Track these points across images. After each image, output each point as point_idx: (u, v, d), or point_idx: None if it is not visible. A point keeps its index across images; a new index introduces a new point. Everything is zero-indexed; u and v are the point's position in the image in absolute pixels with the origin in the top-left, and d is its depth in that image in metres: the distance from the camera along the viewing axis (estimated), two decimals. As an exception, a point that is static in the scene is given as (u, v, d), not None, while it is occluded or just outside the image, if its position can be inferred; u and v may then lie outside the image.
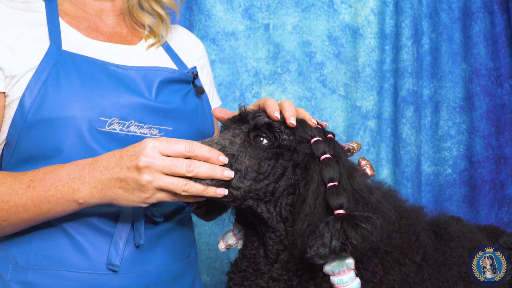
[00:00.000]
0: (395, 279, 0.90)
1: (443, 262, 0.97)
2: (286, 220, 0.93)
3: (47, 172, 0.90)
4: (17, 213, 0.89)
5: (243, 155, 0.89)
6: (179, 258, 1.08)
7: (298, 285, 0.91)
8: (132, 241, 0.98)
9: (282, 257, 0.94)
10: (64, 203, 0.89)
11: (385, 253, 0.92)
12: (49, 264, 0.94)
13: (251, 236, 1.01)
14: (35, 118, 0.93)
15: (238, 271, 1.01)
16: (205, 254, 1.85)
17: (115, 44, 1.09)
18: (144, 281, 0.99)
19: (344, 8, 1.88)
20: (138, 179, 0.84)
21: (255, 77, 1.87)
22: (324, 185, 0.86)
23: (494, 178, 1.86)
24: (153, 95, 1.02)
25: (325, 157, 0.89)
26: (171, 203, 1.07)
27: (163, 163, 0.83)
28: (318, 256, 0.81)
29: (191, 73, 1.12)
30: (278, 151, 0.91)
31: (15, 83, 0.94)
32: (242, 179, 0.88)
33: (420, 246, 0.96)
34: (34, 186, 0.89)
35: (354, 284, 0.87)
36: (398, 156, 1.83)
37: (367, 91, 1.85)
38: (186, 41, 1.27)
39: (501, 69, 1.84)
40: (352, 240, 0.80)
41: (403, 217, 0.98)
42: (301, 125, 0.93)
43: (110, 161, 0.87)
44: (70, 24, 1.06)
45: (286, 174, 0.91)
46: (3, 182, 0.90)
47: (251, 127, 0.92)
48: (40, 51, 0.97)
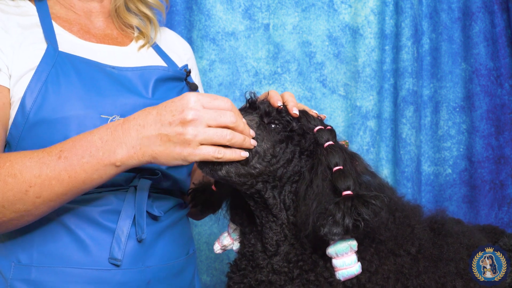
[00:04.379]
0: (390, 270, 0.91)
1: (439, 256, 0.98)
2: (289, 209, 0.95)
3: (76, 140, 0.86)
4: (50, 186, 0.85)
5: (261, 138, 0.92)
6: (179, 254, 1.08)
7: (298, 276, 0.92)
8: (134, 236, 0.98)
9: (282, 248, 0.95)
10: (100, 169, 0.85)
11: (380, 242, 0.94)
12: (52, 261, 0.94)
13: (248, 234, 1.02)
14: (36, 118, 0.93)
15: (238, 270, 1.02)
16: (205, 254, 1.85)
17: (108, 45, 1.10)
18: (146, 276, 0.99)
19: (344, 8, 1.88)
20: (183, 132, 0.81)
21: (255, 77, 1.87)
22: (330, 170, 0.89)
23: (494, 178, 1.86)
24: (150, 93, 1.04)
25: (329, 143, 0.92)
26: (171, 199, 1.08)
27: (209, 115, 0.82)
28: (331, 234, 0.83)
29: (184, 70, 1.14)
30: (289, 134, 0.94)
31: (16, 83, 0.95)
32: (260, 161, 0.90)
33: (415, 238, 0.97)
34: (65, 156, 0.85)
35: (356, 267, 0.88)
36: (398, 156, 1.83)
37: (367, 91, 1.85)
38: (174, 41, 1.28)
39: (501, 69, 1.84)
40: (364, 215, 0.82)
41: (398, 209, 0.99)
42: (304, 115, 0.97)
43: (147, 118, 0.84)
44: (63, 26, 1.07)
45: (293, 160, 0.94)
46: (30, 157, 0.86)
47: (262, 112, 0.94)
48: (39, 52, 0.97)
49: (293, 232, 0.95)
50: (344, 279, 0.89)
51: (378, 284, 0.89)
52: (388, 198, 0.88)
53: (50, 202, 0.87)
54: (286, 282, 0.93)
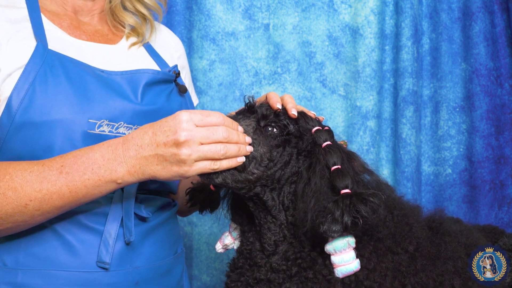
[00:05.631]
0: (387, 267, 0.92)
1: (437, 254, 0.98)
2: (287, 209, 0.96)
3: (78, 156, 0.88)
4: (51, 201, 0.87)
5: (257, 143, 0.93)
6: (167, 254, 1.08)
7: (296, 274, 0.93)
8: (121, 238, 0.97)
9: (281, 248, 0.96)
10: (101, 185, 0.88)
11: (378, 240, 0.94)
12: (39, 264, 0.93)
13: (247, 233, 1.03)
14: (22, 120, 0.91)
15: (235, 268, 1.03)
16: (205, 254, 1.85)
17: (98, 43, 1.08)
18: (134, 277, 0.99)
19: (344, 8, 1.88)
20: (177, 153, 0.84)
21: (255, 77, 1.87)
22: (328, 169, 0.91)
23: (494, 178, 1.86)
24: (139, 98, 1.03)
25: (327, 143, 0.94)
26: (159, 199, 1.08)
27: (201, 134, 0.85)
28: (330, 231, 0.84)
29: (173, 72, 1.13)
30: (286, 138, 0.95)
31: (3, 81, 0.92)
32: (257, 166, 0.92)
33: (413, 236, 0.98)
34: (67, 171, 0.87)
35: (355, 264, 0.89)
36: (398, 156, 1.83)
37: (367, 91, 1.85)
38: (167, 39, 1.27)
39: (501, 69, 1.84)
40: (363, 213, 0.83)
41: (397, 207, 1.00)
42: (302, 116, 0.98)
43: (144, 139, 0.87)
44: (53, 21, 1.04)
45: (291, 161, 0.95)
46: (30, 171, 0.87)
47: (259, 116, 0.95)
48: (27, 50, 0.95)
49: (292, 232, 0.96)
50: (343, 276, 0.89)
51: (376, 282, 0.90)
52: (385, 195, 0.89)
53: (48, 214, 0.89)
54: (285, 280, 0.94)
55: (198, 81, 1.86)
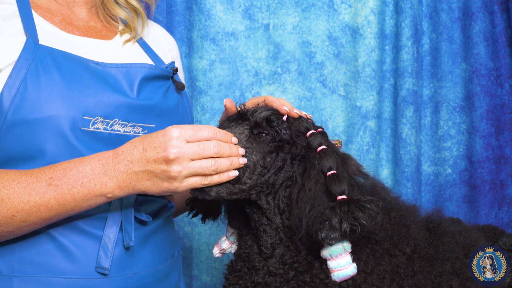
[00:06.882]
0: (385, 270, 0.92)
1: (434, 256, 0.98)
2: (283, 213, 0.96)
3: (67, 168, 0.86)
4: (38, 212, 0.85)
5: (250, 151, 0.92)
6: (165, 257, 1.07)
7: (293, 278, 0.93)
8: (121, 243, 0.95)
9: (278, 251, 0.96)
10: (91, 198, 0.87)
11: (375, 243, 0.94)
12: (35, 271, 0.90)
13: (245, 236, 1.03)
14: (14, 118, 0.87)
15: (234, 271, 1.03)
16: (205, 254, 1.85)
17: (91, 38, 1.05)
18: (134, 283, 0.97)
19: (344, 8, 1.88)
20: (168, 170, 0.83)
21: (255, 77, 1.87)
22: (323, 174, 0.90)
23: (494, 178, 1.86)
24: (135, 93, 1.00)
25: (322, 148, 0.93)
26: (157, 201, 1.06)
27: (192, 150, 0.84)
28: (329, 239, 0.84)
29: (171, 68, 1.10)
30: (279, 144, 0.94)
31: None
32: (251, 175, 0.91)
33: (411, 238, 0.98)
34: (56, 184, 0.85)
35: (351, 268, 0.89)
36: (398, 156, 1.83)
37: (367, 91, 1.85)
38: (160, 37, 1.23)
39: (501, 69, 1.84)
40: (361, 220, 0.83)
41: (394, 209, 1.00)
42: (296, 119, 0.97)
43: (134, 154, 0.86)
44: (44, 17, 1.01)
45: (285, 166, 0.95)
46: (18, 182, 0.85)
47: (252, 123, 0.95)
48: (17, 45, 0.91)
49: (288, 235, 0.95)
50: (339, 281, 0.89)
51: (374, 285, 0.90)
52: (382, 201, 0.88)
53: (35, 225, 0.88)
54: (282, 283, 0.93)
55: (198, 81, 1.85)
